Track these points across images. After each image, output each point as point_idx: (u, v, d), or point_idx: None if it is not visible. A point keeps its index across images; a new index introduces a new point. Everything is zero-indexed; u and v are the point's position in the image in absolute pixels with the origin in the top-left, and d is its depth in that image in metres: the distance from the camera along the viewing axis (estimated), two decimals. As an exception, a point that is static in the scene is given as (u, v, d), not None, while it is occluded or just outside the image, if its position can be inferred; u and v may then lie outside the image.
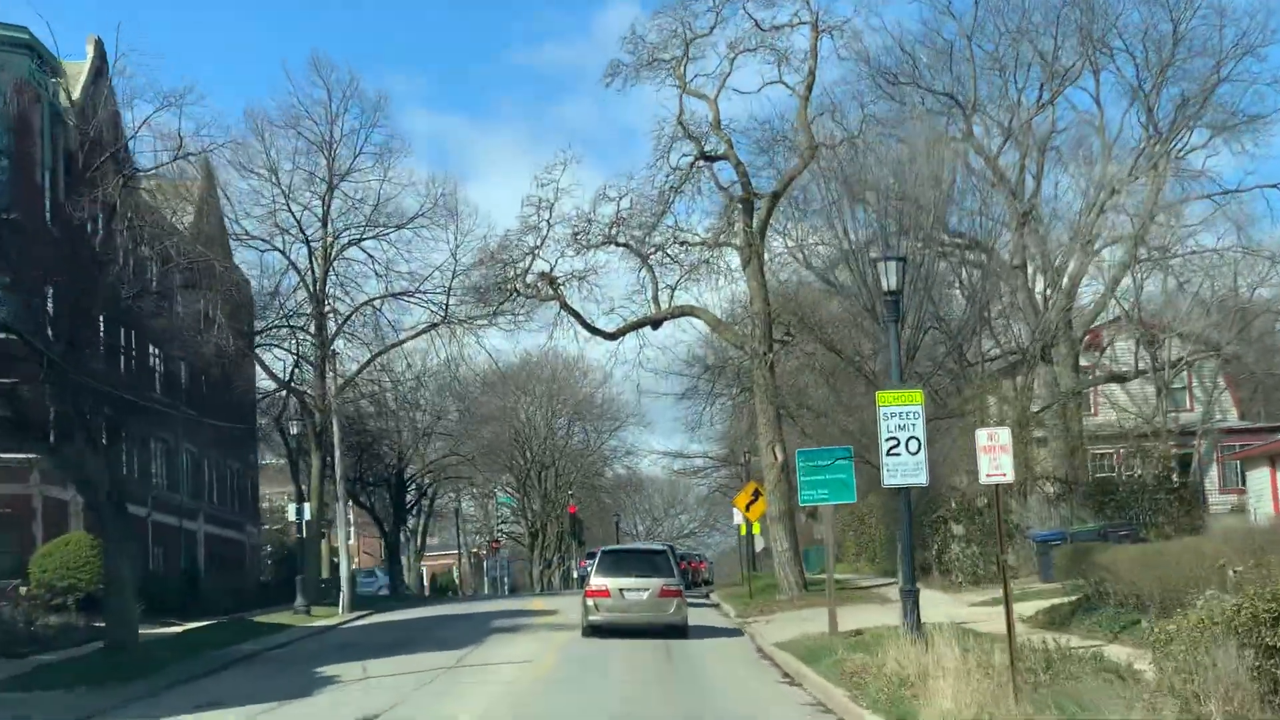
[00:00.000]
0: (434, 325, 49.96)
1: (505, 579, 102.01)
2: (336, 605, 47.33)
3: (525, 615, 39.67)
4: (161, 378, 52.08)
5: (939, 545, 37.62)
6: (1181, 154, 47.11)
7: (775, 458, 38.23)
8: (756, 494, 40.29)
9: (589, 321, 40.57)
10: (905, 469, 21.94)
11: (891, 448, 21.82)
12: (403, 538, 77.33)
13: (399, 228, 49.49)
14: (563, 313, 40.28)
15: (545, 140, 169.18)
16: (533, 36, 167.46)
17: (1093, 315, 46.91)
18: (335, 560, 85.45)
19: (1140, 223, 42.91)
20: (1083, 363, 47.58)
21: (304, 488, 54.72)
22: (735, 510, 51.05)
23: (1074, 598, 26.50)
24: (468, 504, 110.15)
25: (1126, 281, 45.74)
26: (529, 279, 39.87)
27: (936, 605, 29.43)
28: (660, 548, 35.72)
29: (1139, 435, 46.01)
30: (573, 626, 33.57)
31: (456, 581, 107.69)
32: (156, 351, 45.57)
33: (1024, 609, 25.86)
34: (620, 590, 30.90)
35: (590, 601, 31.97)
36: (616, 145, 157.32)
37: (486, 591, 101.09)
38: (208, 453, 58.38)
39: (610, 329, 41.08)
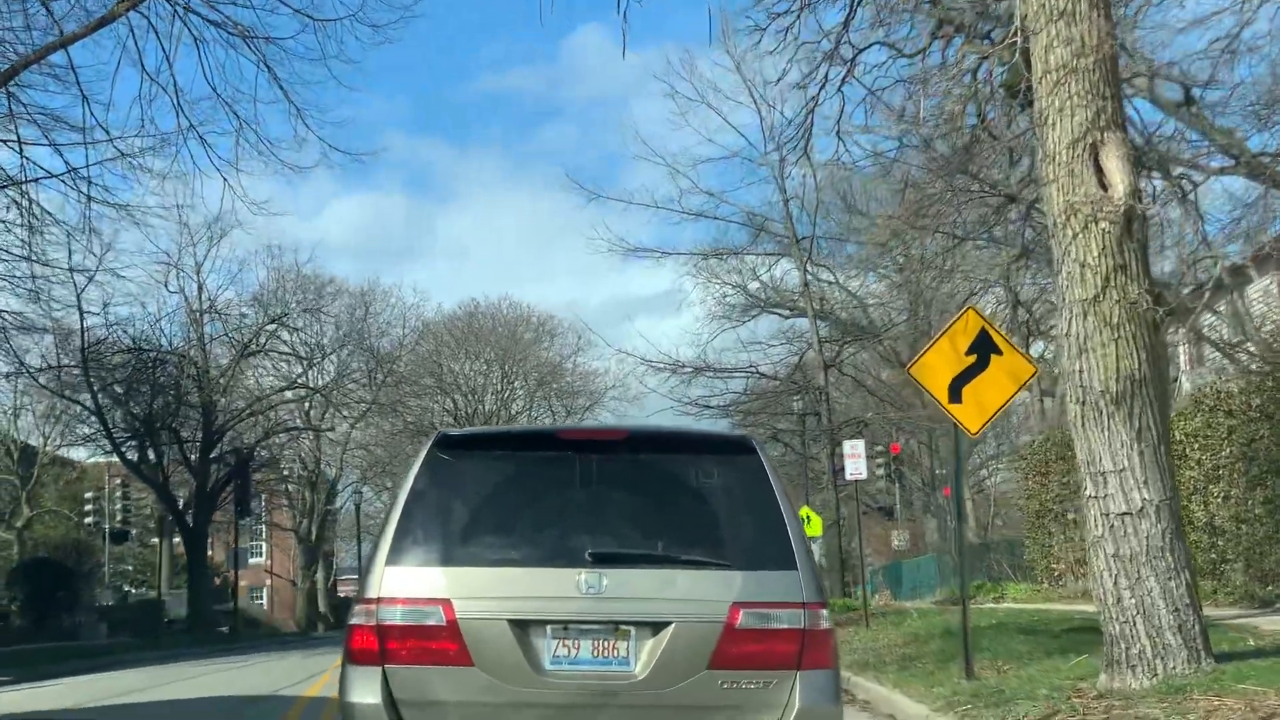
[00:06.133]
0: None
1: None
2: None
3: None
4: None
5: None
6: None
7: (1105, 185, 10.63)
8: (985, 342, 12.68)
9: None
10: None
11: None
12: (242, 538, 49.00)
13: None
14: None
15: (529, 166, 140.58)
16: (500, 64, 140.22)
17: None
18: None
19: None
20: None
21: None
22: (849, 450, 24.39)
23: None
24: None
25: None
26: None
27: None
28: (720, 434, 7.45)
29: None
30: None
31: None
32: None
33: None
34: (519, 627, 5.98)
35: (358, 696, 6.09)
36: None
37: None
38: None
39: None
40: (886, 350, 47.56)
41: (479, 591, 6.04)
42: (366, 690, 6.01)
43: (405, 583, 6.10)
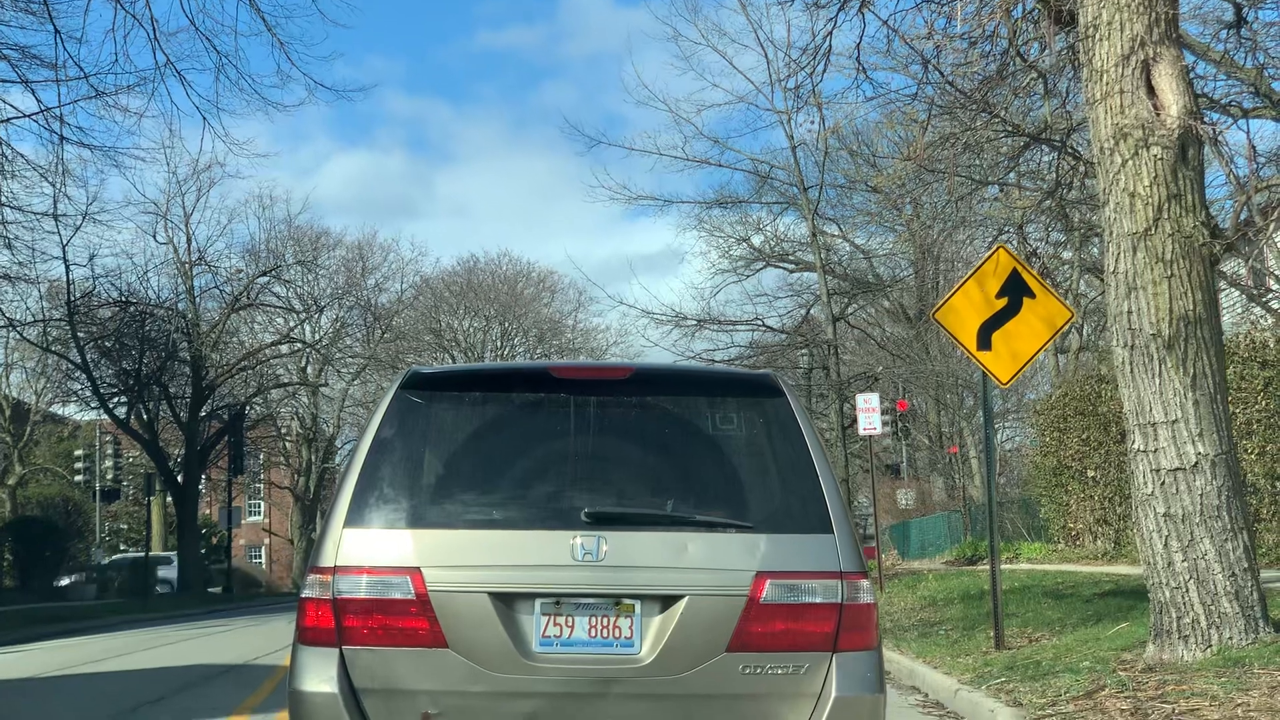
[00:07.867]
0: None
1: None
2: None
3: None
4: None
5: None
6: None
7: (1158, 107, 9.58)
8: (1017, 283, 11.71)
9: None
10: None
11: None
12: (236, 497, 48.12)
13: None
14: None
15: (528, 127, 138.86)
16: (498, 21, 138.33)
17: None
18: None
19: None
20: None
21: None
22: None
23: None
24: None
25: None
26: None
27: None
28: (740, 372, 6.55)
29: None
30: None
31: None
32: None
33: None
34: (501, 601, 5.02)
35: (311, 683, 5.04)
36: None
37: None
38: None
39: None
40: (893, 304, 46.55)
41: (455, 559, 5.09)
42: (320, 677, 5.06)
43: (367, 548, 5.15)
